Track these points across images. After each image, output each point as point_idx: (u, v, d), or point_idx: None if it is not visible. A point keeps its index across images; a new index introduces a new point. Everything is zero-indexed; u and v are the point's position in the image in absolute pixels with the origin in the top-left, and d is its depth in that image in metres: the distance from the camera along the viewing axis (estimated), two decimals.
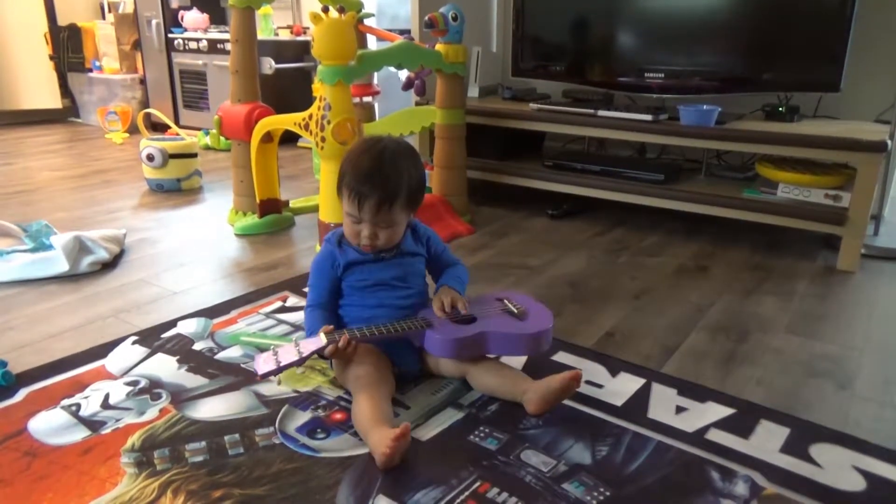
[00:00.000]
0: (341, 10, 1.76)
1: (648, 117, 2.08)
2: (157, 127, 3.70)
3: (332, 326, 1.15)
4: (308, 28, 3.82)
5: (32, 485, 0.95)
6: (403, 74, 2.47)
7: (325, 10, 1.78)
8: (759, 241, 2.11)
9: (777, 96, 2.13)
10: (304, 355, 1.09)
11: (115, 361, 1.30)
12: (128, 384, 1.21)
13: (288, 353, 1.09)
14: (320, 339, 1.11)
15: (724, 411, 1.15)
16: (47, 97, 4.39)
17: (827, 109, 2.15)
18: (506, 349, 1.20)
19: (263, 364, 1.09)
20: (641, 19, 2.29)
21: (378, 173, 1.15)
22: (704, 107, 2.04)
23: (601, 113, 2.17)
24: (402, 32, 2.58)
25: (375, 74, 2.86)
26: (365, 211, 1.16)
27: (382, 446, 0.96)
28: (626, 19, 2.32)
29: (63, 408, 1.14)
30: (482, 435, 1.07)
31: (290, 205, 2.26)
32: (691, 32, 2.19)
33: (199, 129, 3.73)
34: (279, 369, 1.08)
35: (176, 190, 2.65)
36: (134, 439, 1.05)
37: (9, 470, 0.98)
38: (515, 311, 1.23)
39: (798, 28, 2.00)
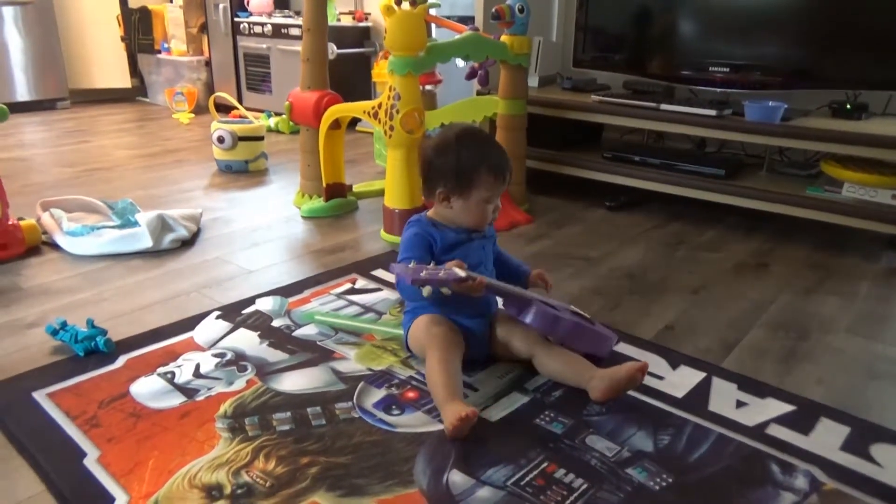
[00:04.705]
0: (413, 3, 1.81)
1: (712, 112, 2.07)
2: (220, 108, 3.82)
3: (464, 264, 1.16)
4: (369, 14, 3.88)
5: (139, 443, 1.04)
6: (463, 63, 2.51)
7: (398, 2, 1.83)
8: (819, 240, 2.09)
9: (845, 93, 2.10)
10: (448, 278, 1.10)
11: (202, 334, 1.40)
12: (215, 356, 1.31)
13: (434, 271, 1.11)
14: (461, 272, 1.11)
15: (784, 408, 1.18)
16: (118, 77, 4.58)
17: None
18: (584, 344, 1.26)
19: (412, 272, 1.10)
20: (707, 10, 2.27)
21: (496, 145, 1.30)
22: (770, 103, 2.03)
23: (664, 107, 2.17)
24: (462, 21, 2.61)
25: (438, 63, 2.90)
26: (506, 182, 1.27)
27: (453, 419, 1.04)
28: (691, 10, 2.30)
29: (159, 375, 1.24)
30: (548, 419, 1.13)
31: (354, 189, 2.33)
32: (758, 25, 2.16)
33: (261, 111, 3.84)
34: (430, 280, 1.10)
35: (243, 171, 2.76)
36: (226, 406, 1.14)
37: (118, 428, 1.08)
38: (587, 316, 1.33)
39: (869, 21, 1.96)
